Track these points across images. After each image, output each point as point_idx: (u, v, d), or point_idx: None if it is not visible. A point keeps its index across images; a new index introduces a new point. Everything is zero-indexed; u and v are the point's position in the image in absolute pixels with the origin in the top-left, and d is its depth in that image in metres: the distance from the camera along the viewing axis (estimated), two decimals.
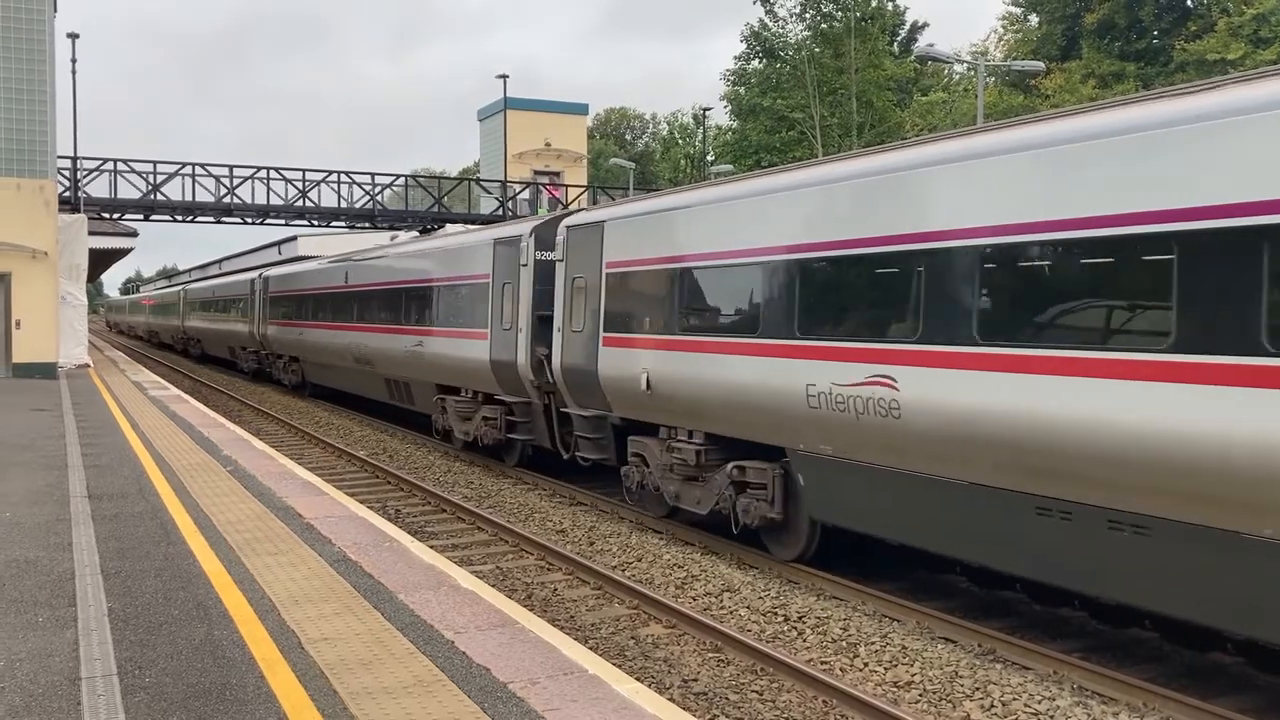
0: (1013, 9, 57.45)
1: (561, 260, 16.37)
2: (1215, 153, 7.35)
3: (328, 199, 40.43)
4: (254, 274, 40.81)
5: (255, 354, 40.05)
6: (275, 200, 39.32)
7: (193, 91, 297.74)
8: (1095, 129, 8.30)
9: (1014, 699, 8.28)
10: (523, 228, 18.24)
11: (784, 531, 12.01)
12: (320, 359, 30.88)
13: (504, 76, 48.34)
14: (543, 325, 16.99)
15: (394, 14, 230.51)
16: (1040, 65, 36.06)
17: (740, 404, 12.05)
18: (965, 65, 51.84)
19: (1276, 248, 6.90)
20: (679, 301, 13.29)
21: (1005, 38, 58.67)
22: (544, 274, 17.11)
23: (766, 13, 51.65)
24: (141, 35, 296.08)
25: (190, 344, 57.02)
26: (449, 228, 38.09)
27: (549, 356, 16.63)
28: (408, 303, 23.26)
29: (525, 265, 17.57)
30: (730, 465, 12.31)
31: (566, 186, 47.55)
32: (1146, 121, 7.90)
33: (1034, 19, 55.38)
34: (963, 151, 9.51)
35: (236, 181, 38.48)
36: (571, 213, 17.58)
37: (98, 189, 36.35)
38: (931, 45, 40.44)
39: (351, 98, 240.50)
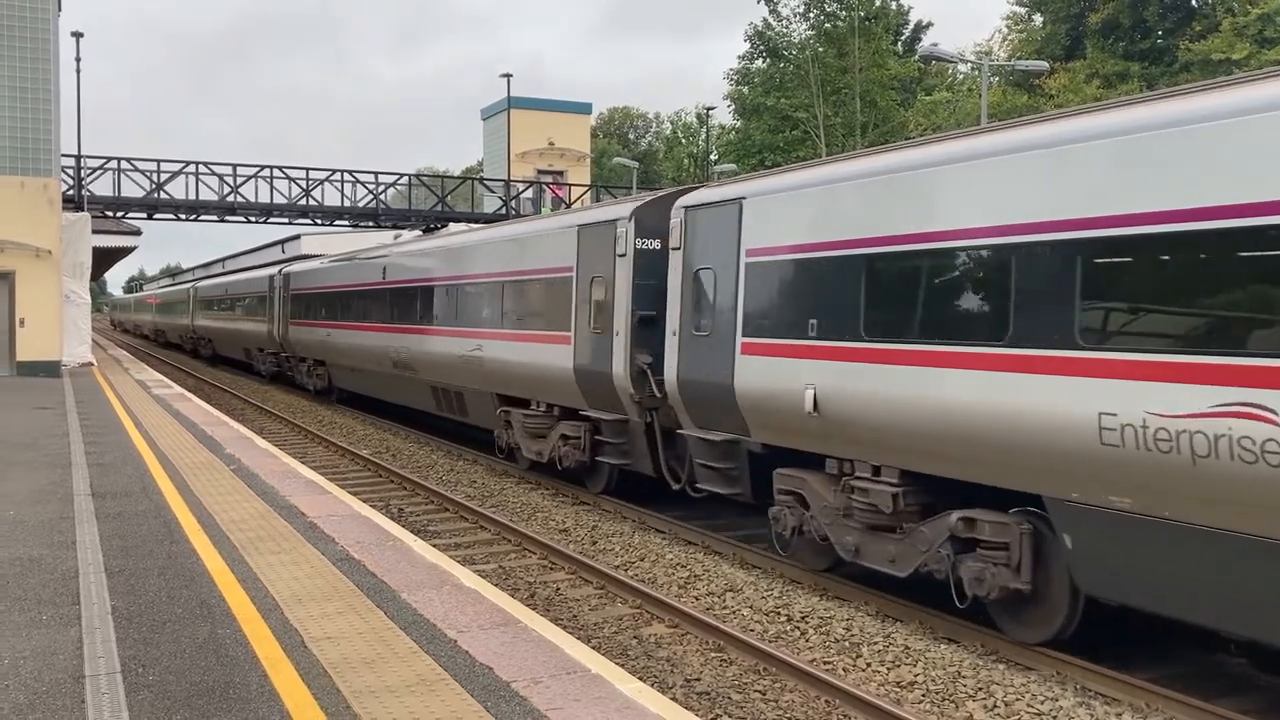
0: (1017, 9, 57.46)
1: (678, 248, 13.55)
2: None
3: (331, 198, 40.47)
4: (273, 270, 38.53)
5: (274, 356, 37.57)
6: (279, 199, 39.36)
7: (196, 90, 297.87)
8: None
9: (1017, 699, 8.28)
10: (620, 210, 15.38)
11: (1031, 605, 9.18)
12: (351, 362, 28.28)
13: (508, 75, 48.42)
14: (644, 328, 14.47)
15: (398, 13, 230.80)
16: (1044, 65, 36.06)
17: (973, 436, 9.02)
18: (969, 65, 51.80)
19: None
20: (867, 297, 10.28)
21: (1009, 37, 58.64)
22: (645, 266, 14.59)
23: (770, 12, 51.71)
24: (145, 34, 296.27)
25: (200, 344, 54.48)
26: (452, 226, 38.09)
27: (653, 365, 14.17)
28: (462, 301, 20.59)
29: (623, 255, 14.81)
30: (955, 517, 9.42)
31: (570, 186, 47.56)
32: None
33: (1038, 19, 55.35)
34: None
35: (240, 180, 38.54)
36: (688, 189, 14.52)
37: (101, 187, 36.46)
38: (935, 45, 40.43)
39: (356, 97, 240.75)
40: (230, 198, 38.50)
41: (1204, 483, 7.29)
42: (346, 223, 42.48)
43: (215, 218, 39.58)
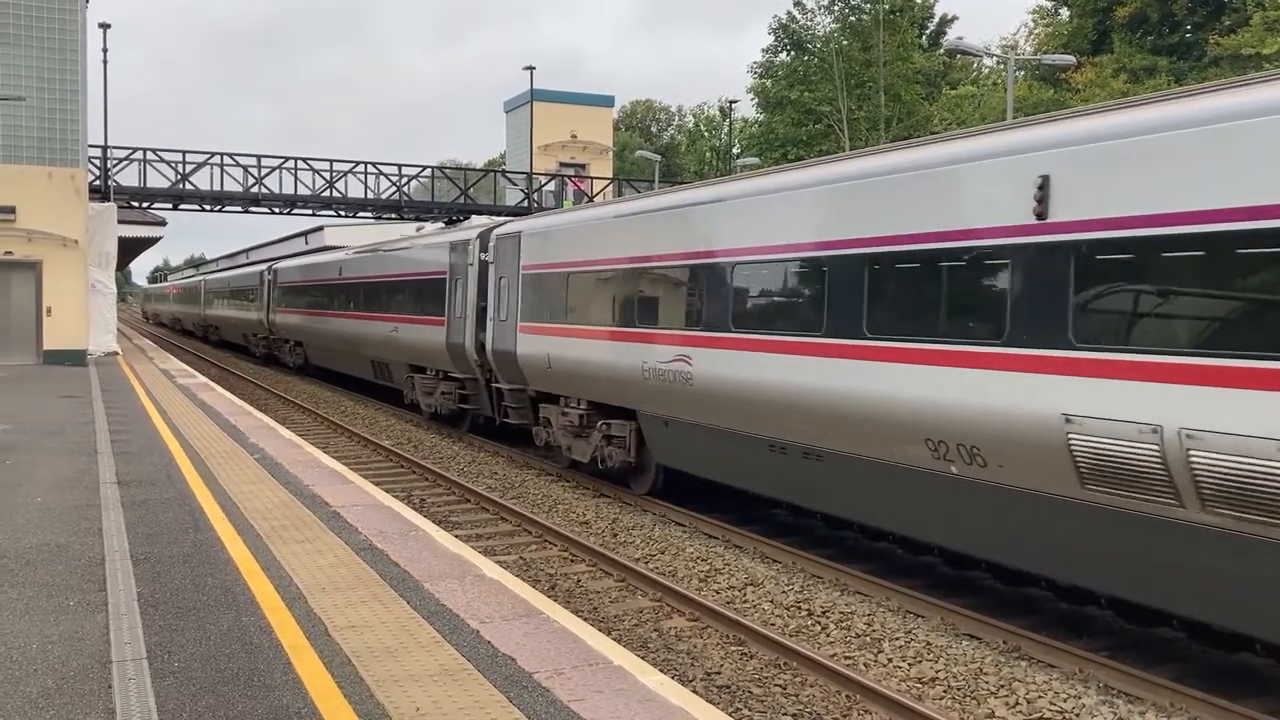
0: (1044, 2, 56.95)
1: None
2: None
3: (355, 190, 40.62)
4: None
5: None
6: (303, 190, 39.52)
7: (231, 80, 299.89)
8: None
9: (1039, 696, 8.24)
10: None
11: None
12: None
13: (530, 68, 48.38)
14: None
15: (436, 4, 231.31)
16: (1071, 59, 35.77)
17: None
18: (995, 59, 51.45)
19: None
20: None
21: (1036, 31, 58.14)
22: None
23: (795, 5, 51.50)
24: (180, 24, 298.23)
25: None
26: (474, 219, 38.19)
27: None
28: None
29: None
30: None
31: (592, 179, 47.55)
32: None
33: (1065, 13, 54.85)
34: None
35: (264, 171, 38.71)
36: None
37: (127, 178, 36.69)
38: (961, 39, 40.18)
39: (392, 88, 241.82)
40: (254, 189, 38.69)
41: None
42: (369, 214, 42.63)
43: (239, 209, 39.80)
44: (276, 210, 40.36)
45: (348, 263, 31.35)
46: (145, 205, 38.71)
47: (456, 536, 10.74)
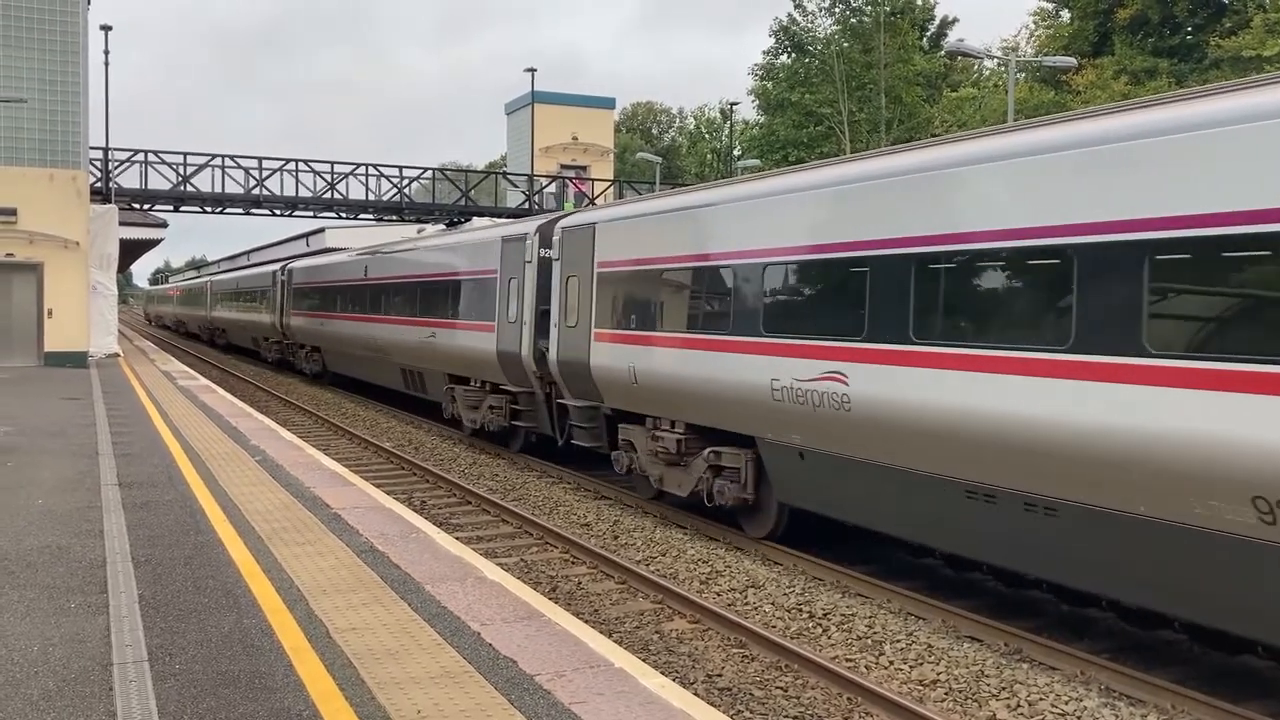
0: (1044, 4, 56.97)
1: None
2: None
3: (355, 192, 40.66)
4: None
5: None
6: (304, 192, 39.55)
7: (231, 81, 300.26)
8: None
9: (1040, 699, 8.23)
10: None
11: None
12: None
13: (531, 70, 48.44)
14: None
15: (438, 5, 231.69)
16: (1072, 61, 35.79)
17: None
18: (996, 61, 51.47)
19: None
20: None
21: (1036, 33, 58.17)
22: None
23: (796, 7, 51.56)
24: (182, 25, 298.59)
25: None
26: (476, 220, 38.21)
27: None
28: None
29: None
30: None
31: (593, 181, 47.58)
32: None
33: (1066, 14, 54.87)
34: None
35: (265, 173, 38.74)
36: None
37: (129, 180, 36.72)
38: (961, 40, 40.20)
39: (393, 89, 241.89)
40: (256, 191, 38.72)
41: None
42: (370, 216, 42.67)
43: (241, 210, 39.81)
44: (278, 212, 40.38)
45: (375, 261, 28.69)
46: (146, 207, 38.74)
47: (457, 539, 10.75)
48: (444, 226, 40.84)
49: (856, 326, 10.34)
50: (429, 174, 44.16)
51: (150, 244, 47.82)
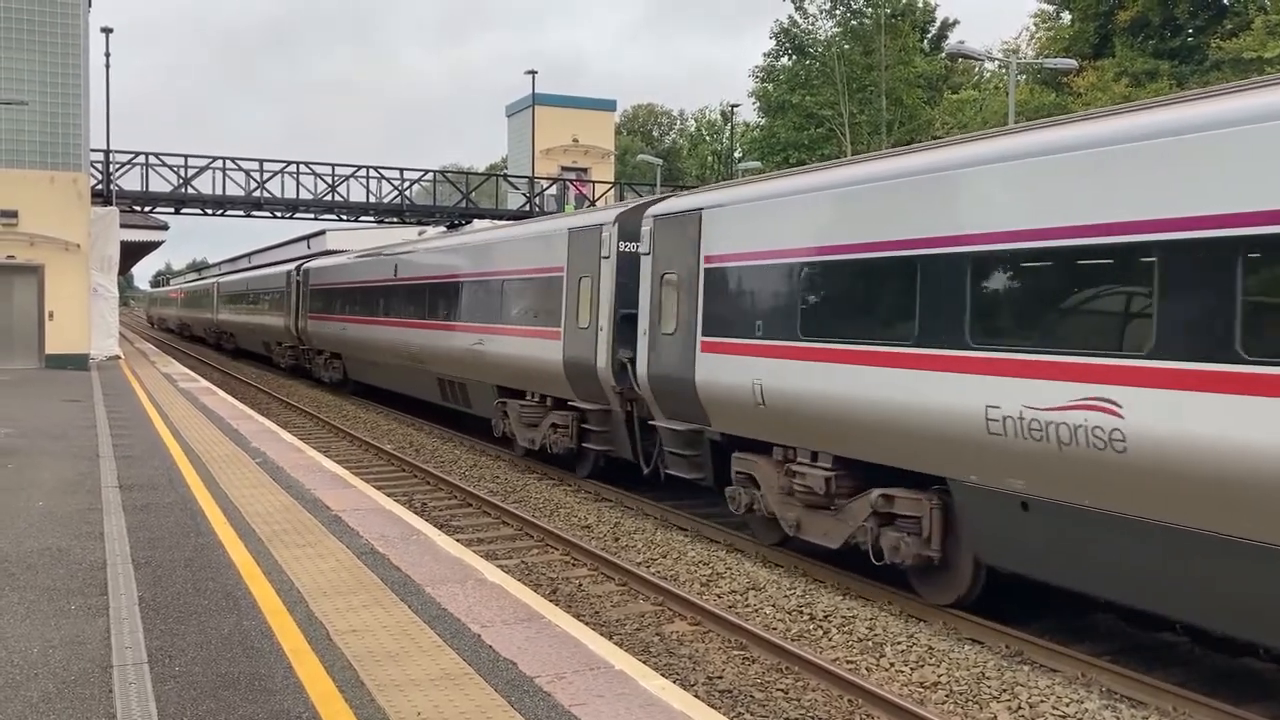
0: (1045, 6, 56.95)
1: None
2: None
3: (356, 194, 40.68)
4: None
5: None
6: (305, 195, 39.57)
7: (233, 81, 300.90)
8: None
9: (1041, 701, 8.22)
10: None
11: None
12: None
13: (532, 72, 48.42)
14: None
15: (442, 7, 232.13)
16: (1073, 63, 35.79)
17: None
18: (997, 63, 51.48)
19: None
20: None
21: (1037, 35, 58.15)
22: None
23: (797, 9, 51.59)
24: (184, 25, 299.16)
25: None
26: (476, 223, 38.19)
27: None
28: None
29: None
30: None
31: (594, 183, 47.59)
32: None
33: (1066, 16, 54.88)
34: None
35: (266, 176, 38.75)
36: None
37: (130, 182, 36.74)
38: (962, 42, 40.22)
39: (394, 89, 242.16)
40: (257, 193, 38.73)
41: None
42: (371, 218, 42.70)
43: (242, 213, 39.81)
44: (279, 214, 40.38)
45: (407, 259, 25.94)
46: (147, 209, 38.76)
47: (458, 541, 10.75)
48: (444, 229, 40.84)
49: (1132, 337, 7.87)
50: (430, 176, 44.16)
51: (151, 246, 47.83)
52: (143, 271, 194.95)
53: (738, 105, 70.33)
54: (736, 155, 61.43)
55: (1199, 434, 7.25)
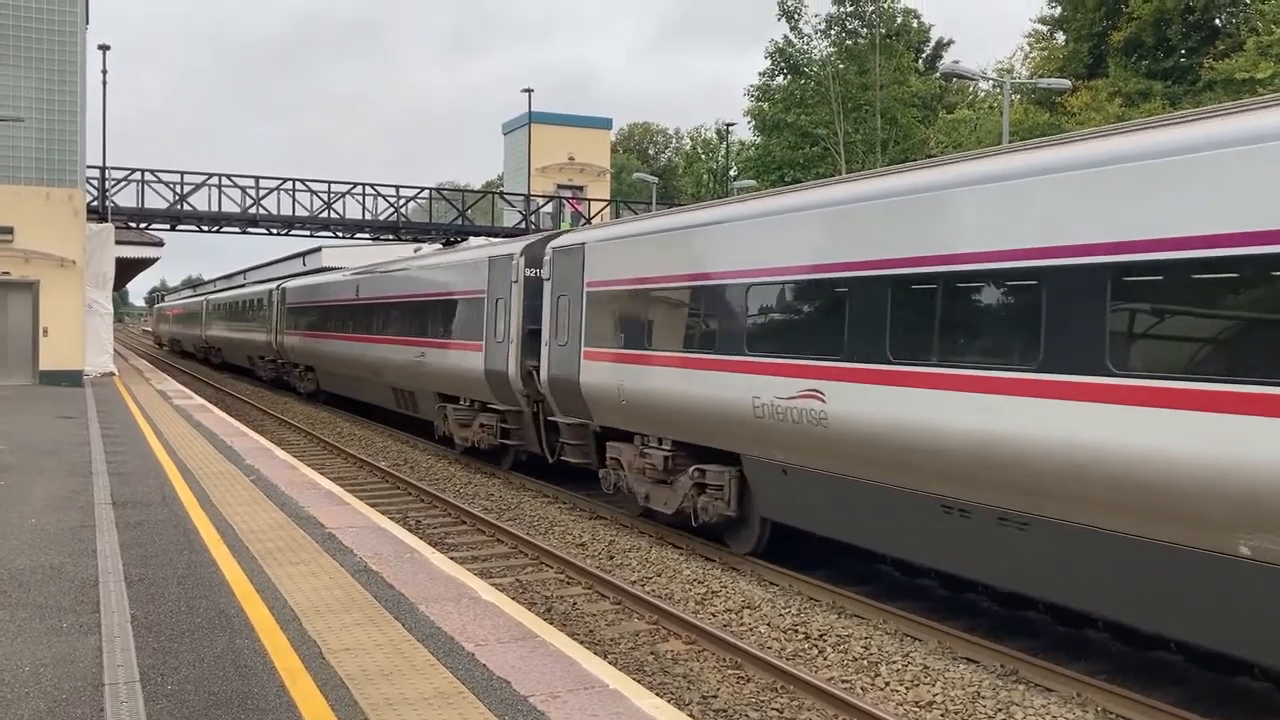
0: (1039, 27, 57.32)
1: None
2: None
3: (352, 211, 40.75)
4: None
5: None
6: (300, 212, 39.61)
7: (243, 98, 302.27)
8: None
9: None
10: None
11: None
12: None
13: (529, 90, 48.59)
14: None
15: (453, 24, 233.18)
16: (1067, 83, 35.87)
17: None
18: (991, 82, 51.74)
19: None
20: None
21: (1031, 55, 58.49)
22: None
23: (792, 29, 51.82)
24: (198, 42, 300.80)
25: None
26: (471, 240, 38.23)
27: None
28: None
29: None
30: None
31: (590, 200, 47.69)
32: None
33: (1060, 37, 55.21)
34: None
35: (262, 193, 38.80)
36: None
37: (125, 198, 36.77)
38: (957, 62, 40.39)
39: (400, 105, 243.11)
40: (252, 210, 38.77)
41: None
42: (367, 235, 42.73)
43: (237, 229, 39.85)
44: (274, 231, 40.45)
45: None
46: (143, 226, 38.76)
47: (452, 558, 10.71)
48: (440, 245, 40.87)
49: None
50: (426, 193, 44.22)
51: (146, 263, 47.72)
52: (138, 288, 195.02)
53: (733, 124, 70.47)
54: (732, 174, 61.59)
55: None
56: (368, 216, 41.02)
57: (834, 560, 12.78)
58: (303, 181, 39.67)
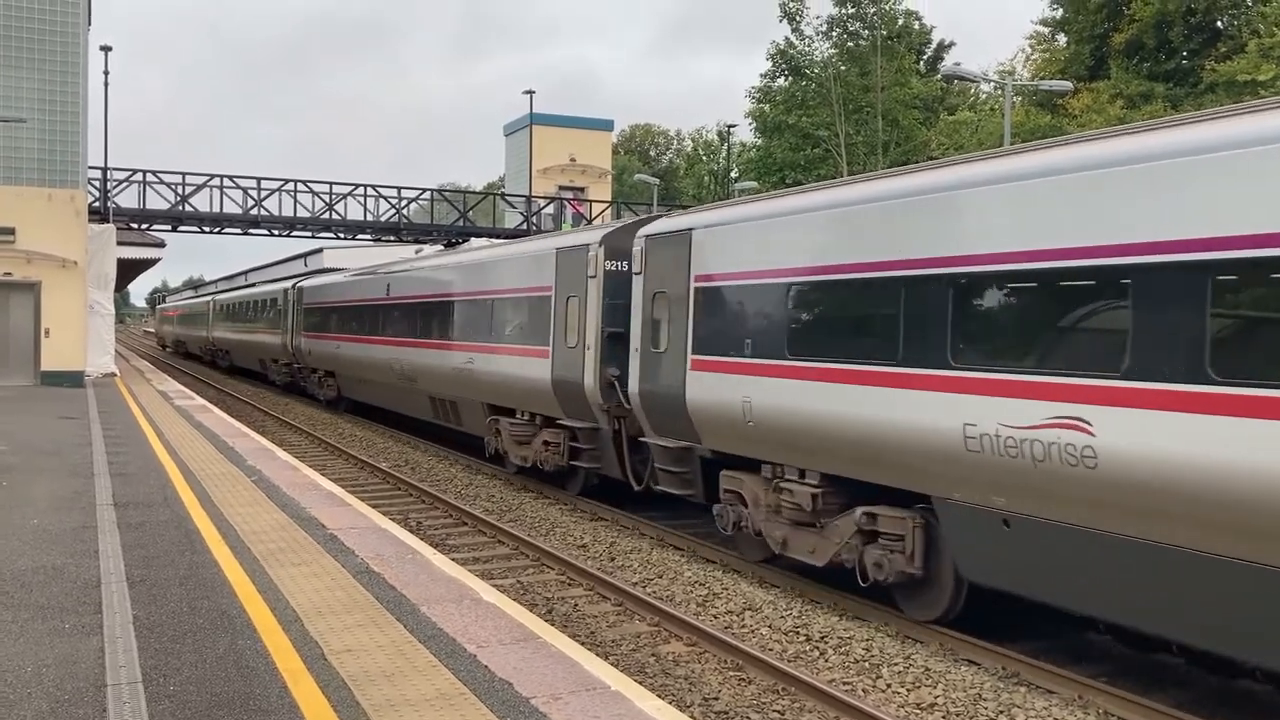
0: (1040, 28, 57.31)
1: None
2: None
3: (354, 212, 40.77)
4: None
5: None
6: (302, 213, 39.64)
7: (245, 99, 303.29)
8: None
9: None
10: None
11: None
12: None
13: (530, 92, 48.66)
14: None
15: (453, 25, 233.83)
16: (1068, 85, 35.90)
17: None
18: (992, 84, 51.75)
19: None
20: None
21: (1033, 57, 58.47)
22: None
23: (793, 31, 51.85)
24: (201, 42, 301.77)
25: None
26: (473, 241, 38.23)
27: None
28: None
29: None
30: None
31: (591, 202, 47.71)
32: None
33: (1062, 38, 55.21)
34: None
35: (264, 194, 38.83)
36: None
37: (127, 199, 36.80)
38: (958, 64, 40.43)
39: (406, 106, 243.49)
40: (254, 211, 38.79)
41: None
42: (369, 237, 42.75)
43: (239, 230, 39.88)
44: (276, 232, 40.47)
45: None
46: (144, 227, 38.80)
47: (454, 560, 10.71)
48: (441, 247, 40.88)
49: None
50: (427, 195, 44.26)
51: (148, 263, 47.82)
52: (139, 289, 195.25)
53: (734, 126, 70.63)
54: (733, 175, 61.61)
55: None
56: (369, 217, 41.05)
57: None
58: (304, 183, 39.72)
